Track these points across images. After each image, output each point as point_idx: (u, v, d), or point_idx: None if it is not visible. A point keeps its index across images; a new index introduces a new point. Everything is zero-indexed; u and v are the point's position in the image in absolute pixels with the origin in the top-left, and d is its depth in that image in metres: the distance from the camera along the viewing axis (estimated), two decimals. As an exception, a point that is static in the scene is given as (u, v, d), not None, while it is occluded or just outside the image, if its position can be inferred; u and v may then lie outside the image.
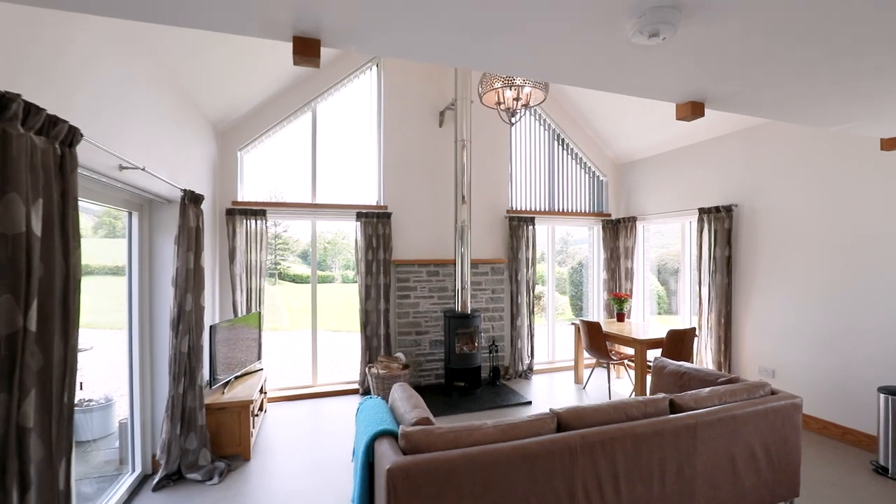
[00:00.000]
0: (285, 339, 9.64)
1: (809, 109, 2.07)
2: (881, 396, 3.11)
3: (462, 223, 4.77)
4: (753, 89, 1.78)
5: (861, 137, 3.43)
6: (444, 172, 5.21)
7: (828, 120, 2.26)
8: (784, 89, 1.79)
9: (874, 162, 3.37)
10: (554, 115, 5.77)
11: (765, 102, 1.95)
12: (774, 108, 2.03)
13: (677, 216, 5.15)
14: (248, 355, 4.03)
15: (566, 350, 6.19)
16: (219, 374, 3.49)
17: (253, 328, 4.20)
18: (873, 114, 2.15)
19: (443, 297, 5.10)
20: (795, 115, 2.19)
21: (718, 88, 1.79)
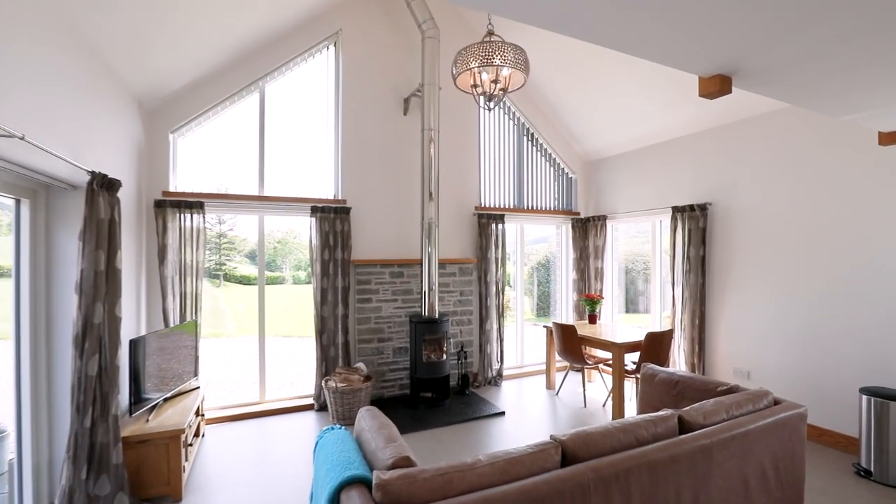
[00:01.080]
0: (230, 347, 8.81)
1: (849, 94, 1.82)
2: (863, 398, 3.05)
3: (429, 220, 4.38)
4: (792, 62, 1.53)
5: (837, 136, 3.39)
6: (409, 164, 4.80)
7: (868, 104, 1.99)
8: (825, 64, 1.54)
9: (851, 161, 3.33)
10: (523, 107, 5.52)
11: (798, 81, 1.70)
12: (805, 88, 1.78)
13: (649, 215, 5.04)
14: (181, 372, 3.43)
15: (535, 353, 5.96)
16: (143, 397, 2.89)
17: (188, 339, 3.59)
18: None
19: (408, 301, 4.68)
20: (827, 99, 1.94)
21: (753, 60, 1.53)
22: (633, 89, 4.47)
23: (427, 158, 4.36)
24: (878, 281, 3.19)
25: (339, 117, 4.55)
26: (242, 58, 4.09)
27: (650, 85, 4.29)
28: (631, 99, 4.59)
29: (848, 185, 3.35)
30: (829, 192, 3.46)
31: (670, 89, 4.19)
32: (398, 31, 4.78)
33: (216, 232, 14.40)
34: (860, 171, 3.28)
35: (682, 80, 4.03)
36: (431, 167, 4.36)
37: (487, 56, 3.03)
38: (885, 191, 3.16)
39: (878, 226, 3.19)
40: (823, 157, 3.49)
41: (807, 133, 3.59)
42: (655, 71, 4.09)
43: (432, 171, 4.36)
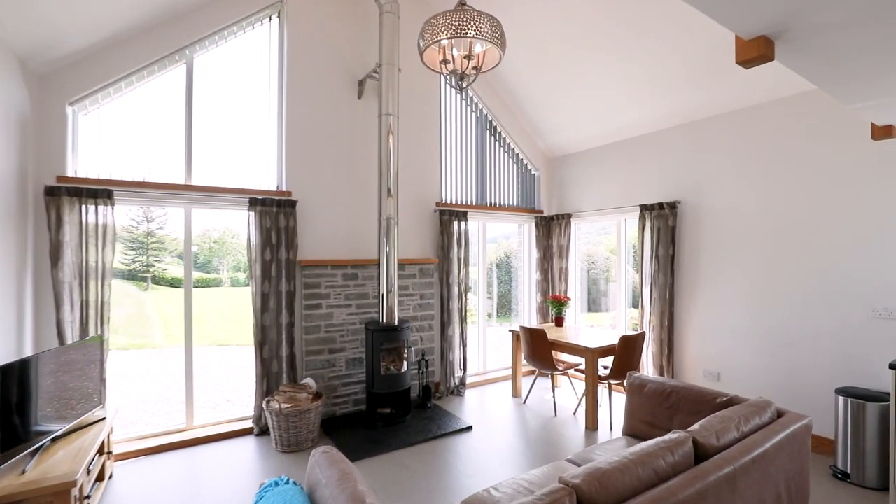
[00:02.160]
0: (156, 359, 7.80)
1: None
2: (840, 399, 2.99)
3: (388, 217, 3.93)
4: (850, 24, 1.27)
5: (809, 136, 3.35)
6: (364, 153, 4.32)
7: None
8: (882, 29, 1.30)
9: (822, 161, 3.30)
10: (487, 98, 5.20)
11: (845, 51, 1.44)
12: (846, 63, 1.54)
13: (615, 213, 4.90)
14: (80, 400, 2.74)
15: (497, 358, 5.67)
16: (19, 440, 2.22)
17: (91, 357, 2.90)
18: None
19: (363, 306, 4.20)
20: (861, 82, 1.71)
21: (808, 18, 1.26)
22: (601, 81, 4.28)
23: (385, 148, 3.91)
24: (847, 281, 3.16)
25: (283, 99, 3.98)
26: (166, 18, 3.43)
27: (620, 77, 4.12)
28: (598, 91, 4.41)
29: (818, 185, 3.31)
30: (799, 192, 3.42)
31: (641, 83, 4.04)
32: (352, 4, 4.28)
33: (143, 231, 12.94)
34: (830, 172, 3.25)
35: (653, 74, 3.88)
36: (390, 157, 3.91)
37: (460, 27, 2.64)
38: (854, 192, 3.14)
39: (848, 226, 3.17)
40: (794, 156, 3.44)
41: (778, 132, 3.54)
42: (626, 61, 3.92)
43: (391, 161, 3.91)
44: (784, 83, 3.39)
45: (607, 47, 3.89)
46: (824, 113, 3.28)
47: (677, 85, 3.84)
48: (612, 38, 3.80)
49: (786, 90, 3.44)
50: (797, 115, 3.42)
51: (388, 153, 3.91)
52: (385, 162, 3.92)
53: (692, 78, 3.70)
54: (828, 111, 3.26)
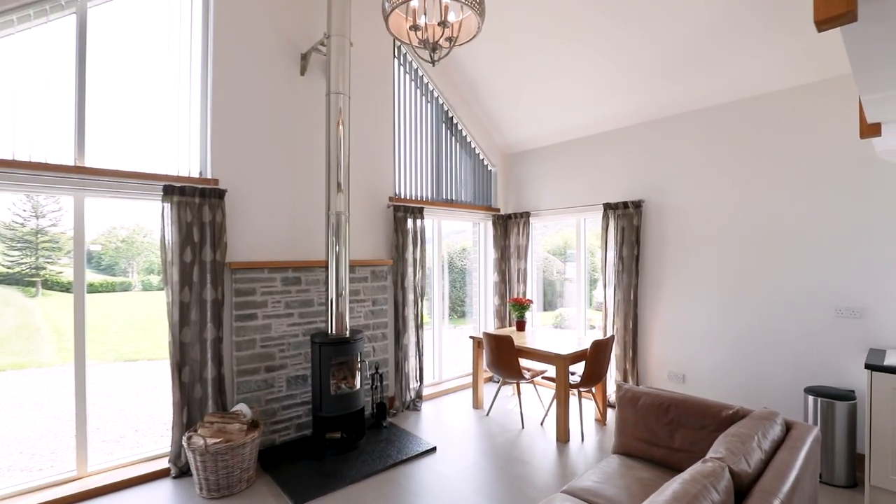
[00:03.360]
0: (46, 381, 6.49)
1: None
2: (809, 398, 2.98)
3: (338, 212, 3.41)
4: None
5: (775, 136, 3.35)
6: (308, 138, 3.75)
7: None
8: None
9: (787, 162, 3.31)
10: (443, 87, 4.82)
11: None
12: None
13: (577, 212, 4.74)
14: None
15: (453, 366, 5.31)
16: None
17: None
18: None
19: (307, 315, 3.63)
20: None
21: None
22: (565, 74, 4.08)
23: (334, 133, 3.39)
24: (811, 281, 3.19)
25: (208, 69, 3.31)
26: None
27: (587, 70, 3.93)
28: (563, 84, 4.20)
29: (782, 187, 3.32)
30: (764, 194, 3.42)
31: (610, 76, 3.88)
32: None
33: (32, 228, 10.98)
34: (796, 173, 3.27)
35: (624, 66, 3.73)
36: (341, 144, 3.39)
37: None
38: (817, 194, 3.17)
39: (811, 227, 3.19)
40: (760, 157, 3.44)
41: (744, 132, 3.52)
42: (596, 52, 3.73)
43: (341, 148, 3.40)
44: (753, 82, 3.37)
45: (575, 36, 3.68)
46: (790, 116, 3.29)
47: (650, 78, 3.71)
48: (580, 27, 3.59)
49: (753, 90, 3.42)
50: (763, 116, 3.41)
51: (339, 139, 3.39)
52: (335, 148, 3.39)
53: (667, 71, 3.59)
54: (793, 115, 3.27)
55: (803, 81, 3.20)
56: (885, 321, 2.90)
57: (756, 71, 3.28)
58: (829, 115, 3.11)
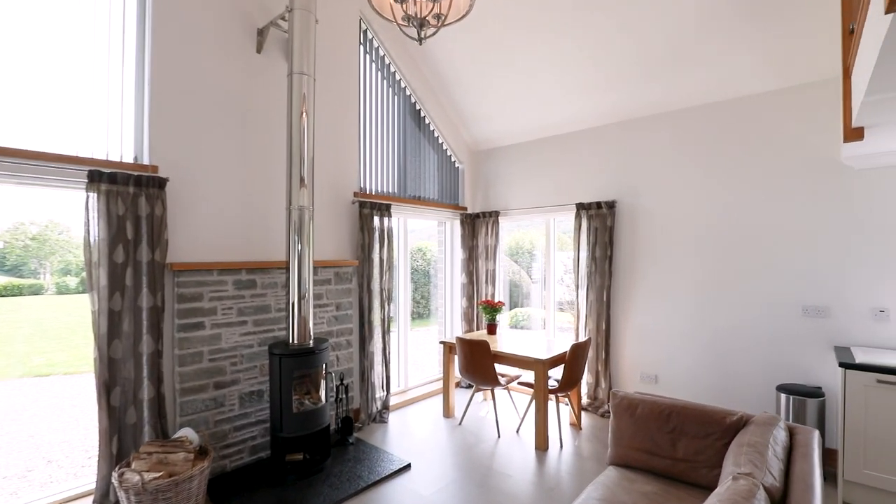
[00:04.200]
0: (-77, 405, 5.42)
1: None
2: (782, 396, 3.04)
3: (300, 207, 3.05)
4: None
5: (746, 139, 3.42)
6: (265, 124, 3.34)
7: None
8: None
9: (758, 163, 3.38)
10: (411, 77, 4.55)
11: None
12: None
13: (548, 212, 4.65)
14: None
15: (419, 371, 5.06)
16: None
17: None
18: None
19: (263, 323, 3.23)
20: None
21: None
22: (541, 69, 3.96)
23: (297, 118, 3.02)
24: (779, 281, 3.27)
25: (146, 40, 2.83)
26: None
27: (563, 65, 3.84)
28: (536, 78, 4.08)
29: (754, 189, 3.39)
30: (736, 196, 3.47)
31: (587, 72, 3.81)
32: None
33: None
34: (764, 177, 3.34)
35: (602, 62, 3.66)
36: (304, 132, 3.04)
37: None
38: (785, 197, 3.25)
39: (781, 229, 3.28)
40: (731, 160, 3.49)
41: (716, 135, 3.56)
42: (574, 47, 3.64)
43: (305, 136, 3.04)
44: (727, 86, 3.41)
45: (553, 29, 3.57)
46: (760, 121, 3.36)
47: (629, 77, 3.67)
48: (559, 18, 3.48)
49: (726, 93, 3.47)
50: (734, 120, 3.47)
51: (303, 126, 3.03)
52: (298, 136, 3.03)
53: (647, 71, 3.56)
54: (763, 120, 3.35)
55: (774, 87, 3.28)
56: (847, 320, 3.02)
57: (730, 75, 3.32)
58: (798, 122, 3.20)
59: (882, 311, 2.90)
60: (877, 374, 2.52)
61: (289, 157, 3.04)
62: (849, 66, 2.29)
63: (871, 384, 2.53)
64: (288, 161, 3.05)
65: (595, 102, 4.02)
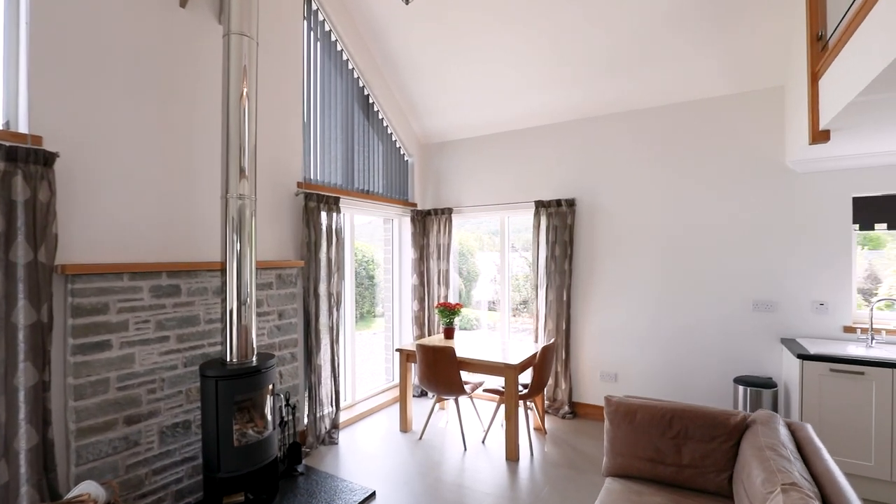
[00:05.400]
0: None
1: None
2: (739, 388, 3.17)
3: (240, 196, 2.53)
4: None
5: (703, 141, 3.54)
6: (189, 94, 2.74)
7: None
8: None
9: (713, 163, 3.51)
10: (360, 59, 4.12)
11: None
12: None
13: (504, 209, 4.50)
14: None
15: (366, 381, 4.63)
16: None
17: None
18: None
19: (189, 338, 2.63)
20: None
21: None
22: (502, 61, 3.79)
23: (236, 88, 2.50)
24: (731, 279, 3.43)
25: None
26: None
27: (524, 59, 3.70)
28: (496, 70, 3.90)
29: (709, 190, 3.52)
30: (691, 196, 3.59)
31: (548, 67, 3.70)
32: None
33: None
34: (719, 178, 3.48)
35: (564, 57, 3.57)
36: (245, 108, 2.52)
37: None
38: (739, 197, 3.42)
39: (733, 228, 3.43)
40: (687, 161, 3.60)
41: (674, 136, 3.65)
42: (538, 40, 3.51)
43: (245, 113, 2.53)
44: (687, 88, 3.50)
45: (519, 18, 3.40)
46: (716, 123, 3.50)
47: (594, 74, 3.62)
48: (525, 9, 3.32)
49: (685, 95, 3.57)
50: (692, 122, 3.58)
51: (242, 100, 2.51)
52: (237, 113, 2.50)
53: (613, 68, 3.52)
54: (718, 122, 3.49)
55: (729, 91, 3.43)
56: (791, 313, 3.23)
57: (692, 76, 3.41)
58: (749, 126, 3.37)
59: (822, 305, 3.14)
60: (829, 363, 2.68)
61: (225, 138, 2.50)
62: (817, 71, 2.39)
63: (826, 373, 2.69)
64: (224, 143, 2.51)
65: (558, 98, 3.94)
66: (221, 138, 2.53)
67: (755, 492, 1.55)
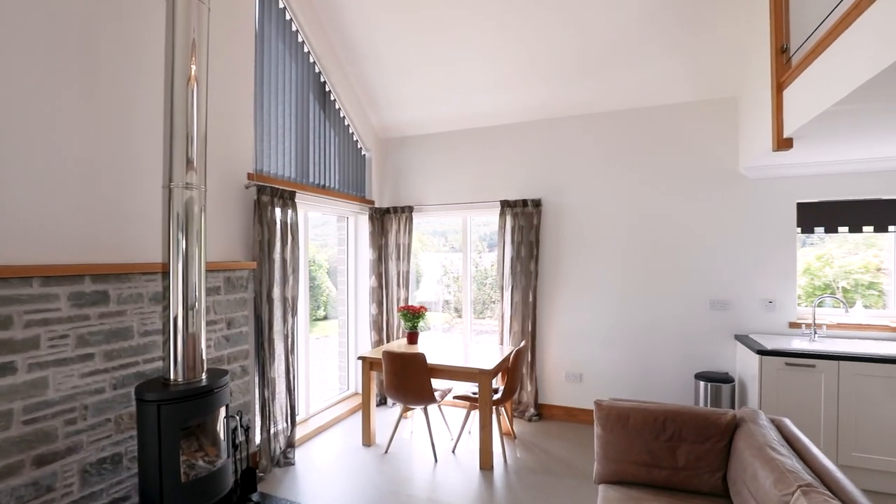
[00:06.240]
0: None
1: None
2: (700, 384, 3.30)
3: (187, 185, 2.16)
4: None
5: (665, 144, 3.65)
6: (120, 61, 2.30)
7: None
8: None
9: (670, 170, 3.63)
10: (317, 43, 3.79)
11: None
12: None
13: (468, 209, 4.37)
14: None
15: (320, 390, 4.28)
16: None
17: None
18: None
19: (120, 354, 2.20)
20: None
21: None
22: (470, 57, 3.66)
23: (182, 59, 2.13)
24: (691, 279, 3.57)
25: None
26: None
27: (494, 55, 3.60)
28: (464, 66, 3.77)
29: (669, 193, 3.64)
30: (653, 199, 3.69)
31: (519, 65, 3.63)
32: None
33: None
34: (678, 181, 3.61)
35: (537, 56, 3.52)
36: (194, 83, 2.16)
37: None
38: (697, 200, 3.57)
39: (691, 230, 3.58)
40: (649, 164, 3.70)
41: (638, 139, 3.74)
42: (510, 37, 3.42)
43: (194, 90, 2.16)
44: (653, 92, 3.60)
45: (492, 13, 3.29)
46: (678, 128, 3.63)
47: (566, 74, 3.60)
48: (499, 5, 3.21)
49: (651, 100, 3.66)
50: (656, 126, 3.69)
51: (190, 73, 2.15)
52: (182, 88, 2.14)
53: (585, 68, 3.52)
54: (680, 127, 3.62)
55: (691, 98, 3.56)
56: (744, 311, 3.43)
57: (658, 81, 3.51)
58: (707, 133, 3.53)
59: (770, 302, 3.36)
60: (785, 357, 2.85)
61: (169, 113, 2.12)
62: (783, 82, 2.52)
63: (782, 367, 2.86)
64: (167, 119, 2.13)
65: (526, 96, 3.89)
66: (164, 120, 2.14)
67: (766, 493, 1.53)
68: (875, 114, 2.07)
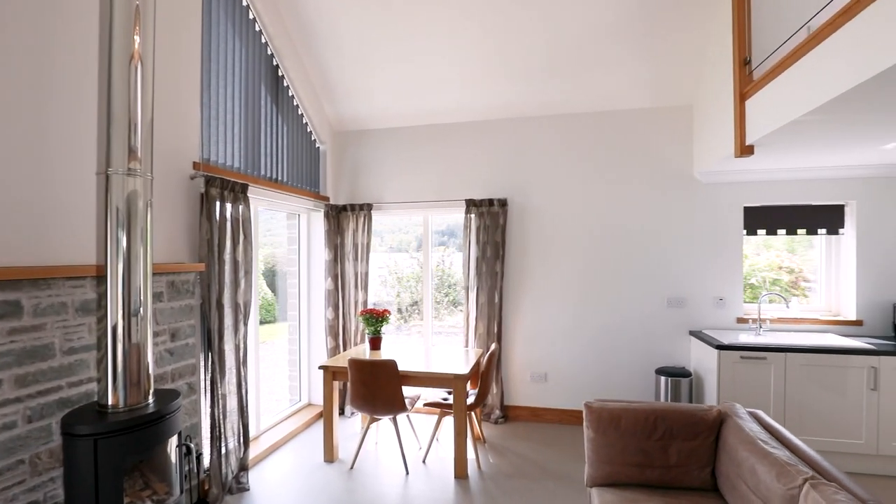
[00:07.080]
0: None
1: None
2: (661, 378, 3.43)
3: (127, 172, 1.82)
4: None
5: (631, 146, 3.76)
6: (35, 30, 1.88)
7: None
8: None
9: (631, 174, 3.75)
10: (269, 23, 3.44)
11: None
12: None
13: (430, 207, 4.22)
14: None
15: (271, 409, 3.92)
16: None
17: None
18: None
19: (37, 379, 1.79)
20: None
21: None
22: (437, 51, 3.52)
23: (122, 33, 1.79)
24: (649, 278, 3.72)
25: None
26: None
27: (463, 49, 3.50)
28: (431, 59, 3.62)
29: (629, 195, 3.76)
30: (614, 201, 3.79)
31: (487, 61, 3.55)
32: None
33: None
34: (638, 183, 3.74)
35: (505, 54, 3.47)
36: (137, 63, 1.82)
37: None
38: (654, 203, 3.72)
39: (649, 231, 3.73)
40: (611, 167, 3.80)
41: (601, 142, 3.82)
42: (479, 31, 3.33)
43: (138, 69, 1.83)
44: (619, 96, 3.68)
45: (463, 7, 3.18)
46: (637, 134, 3.75)
47: (535, 73, 3.57)
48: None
49: (616, 104, 3.75)
50: (618, 130, 3.78)
51: (131, 50, 1.81)
52: (123, 66, 1.81)
53: (555, 68, 3.51)
54: (641, 132, 3.74)
55: (651, 105, 3.70)
56: (697, 308, 3.63)
57: (621, 87, 3.60)
58: (664, 139, 3.69)
59: (721, 300, 3.58)
60: (741, 351, 3.04)
61: (107, 92, 1.77)
62: (746, 93, 2.66)
63: (737, 360, 3.04)
64: (104, 99, 1.77)
65: (492, 94, 3.82)
66: (100, 97, 1.78)
67: (769, 487, 1.57)
68: (840, 125, 2.24)
